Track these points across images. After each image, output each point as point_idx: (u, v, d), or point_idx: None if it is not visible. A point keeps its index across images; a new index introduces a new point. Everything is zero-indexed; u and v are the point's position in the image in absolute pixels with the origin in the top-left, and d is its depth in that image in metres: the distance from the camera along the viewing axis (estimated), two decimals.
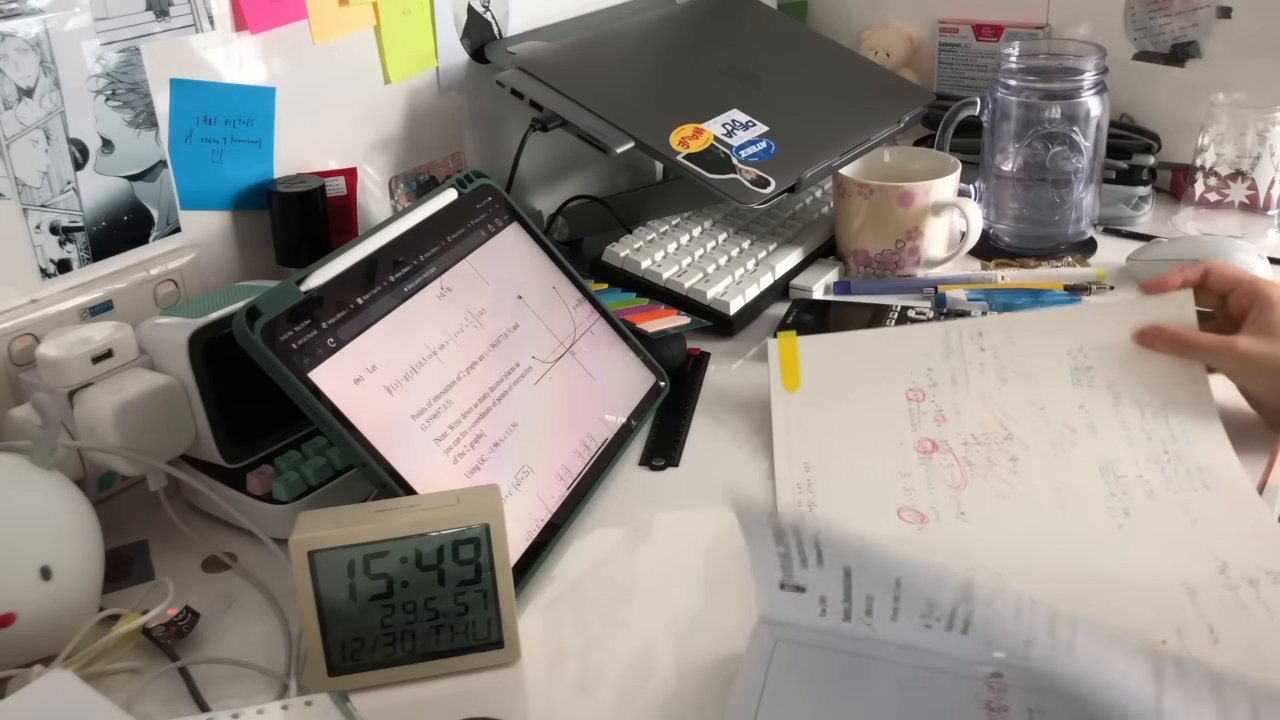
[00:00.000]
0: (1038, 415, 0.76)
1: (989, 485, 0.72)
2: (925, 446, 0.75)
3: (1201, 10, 1.17)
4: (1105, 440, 0.74)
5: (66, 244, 0.76)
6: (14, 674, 0.59)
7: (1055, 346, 0.79)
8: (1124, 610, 0.61)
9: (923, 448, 0.75)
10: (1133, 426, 0.74)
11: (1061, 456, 0.73)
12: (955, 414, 0.77)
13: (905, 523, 0.69)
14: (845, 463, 0.75)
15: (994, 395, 0.78)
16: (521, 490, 0.69)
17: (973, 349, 0.81)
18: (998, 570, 0.64)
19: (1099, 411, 0.75)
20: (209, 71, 0.83)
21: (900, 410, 0.78)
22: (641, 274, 0.98)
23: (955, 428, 0.76)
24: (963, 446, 0.75)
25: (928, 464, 0.74)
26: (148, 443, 0.68)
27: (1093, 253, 1.08)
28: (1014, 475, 0.72)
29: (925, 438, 0.76)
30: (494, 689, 0.60)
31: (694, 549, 0.70)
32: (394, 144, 1.00)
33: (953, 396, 0.78)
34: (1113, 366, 0.77)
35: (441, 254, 0.74)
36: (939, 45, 1.37)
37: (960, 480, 0.72)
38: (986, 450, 0.74)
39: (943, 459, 0.74)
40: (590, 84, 1.01)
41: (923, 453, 0.75)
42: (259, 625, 0.65)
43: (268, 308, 0.62)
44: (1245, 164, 1.07)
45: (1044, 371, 0.78)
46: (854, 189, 1.02)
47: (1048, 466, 0.72)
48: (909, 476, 0.73)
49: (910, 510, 0.70)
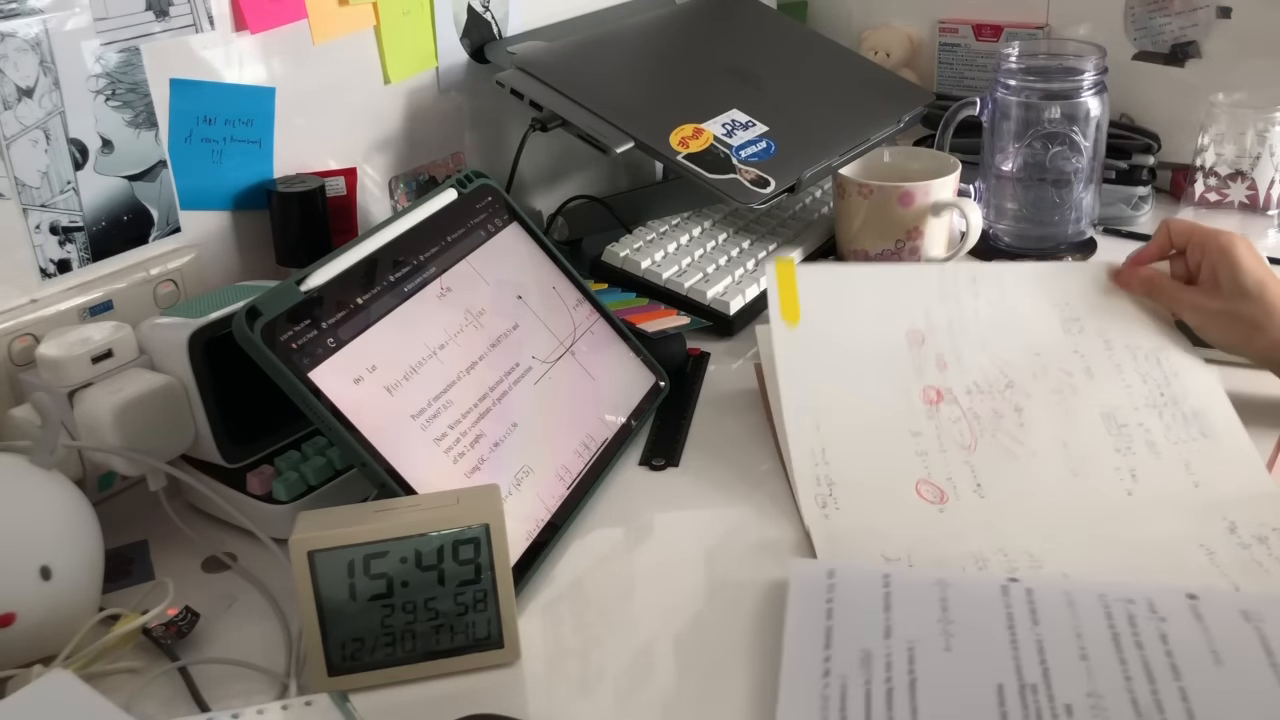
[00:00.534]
0: (1034, 360, 0.78)
1: (998, 443, 0.74)
2: (931, 396, 0.76)
3: (1201, 10, 1.17)
4: (1103, 385, 0.77)
5: (66, 244, 0.76)
6: (14, 674, 0.59)
7: (1042, 298, 0.83)
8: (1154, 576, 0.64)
9: (928, 397, 0.76)
10: (1127, 370, 0.78)
11: (1064, 404, 0.76)
12: (956, 360, 0.78)
13: (925, 500, 0.71)
14: (856, 421, 0.75)
15: (991, 341, 0.80)
16: (521, 490, 0.69)
17: (968, 294, 0.83)
18: (1028, 550, 0.66)
19: (1093, 356, 0.79)
20: (209, 71, 0.83)
21: (902, 354, 0.79)
22: (641, 274, 0.98)
23: (958, 374, 0.78)
24: (967, 396, 0.76)
25: (936, 418, 0.75)
26: (148, 443, 0.68)
27: (1092, 253, 1.08)
28: (1020, 428, 0.74)
29: (930, 385, 0.77)
30: (494, 689, 0.60)
31: (694, 549, 0.70)
32: (394, 144, 1.00)
33: (951, 341, 0.80)
34: (1100, 316, 0.82)
35: (441, 254, 0.74)
36: (939, 45, 1.37)
37: (970, 439, 0.74)
38: (991, 401, 0.76)
39: (950, 411, 0.75)
40: (590, 84, 1.01)
41: (929, 403, 0.76)
42: (259, 625, 0.65)
43: (268, 308, 0.62)
44: (1245, 164, 1.07)
45: (1035, 320, 0.81)
46: (854, 189, 1.02)
47: (1052, 416, 0.75)
48: (920, 436, 0.74)
49: (928, 484, 0.72)
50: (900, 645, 0.57)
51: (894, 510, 0.70)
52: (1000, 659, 0.56)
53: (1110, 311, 0.82)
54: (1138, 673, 0.54)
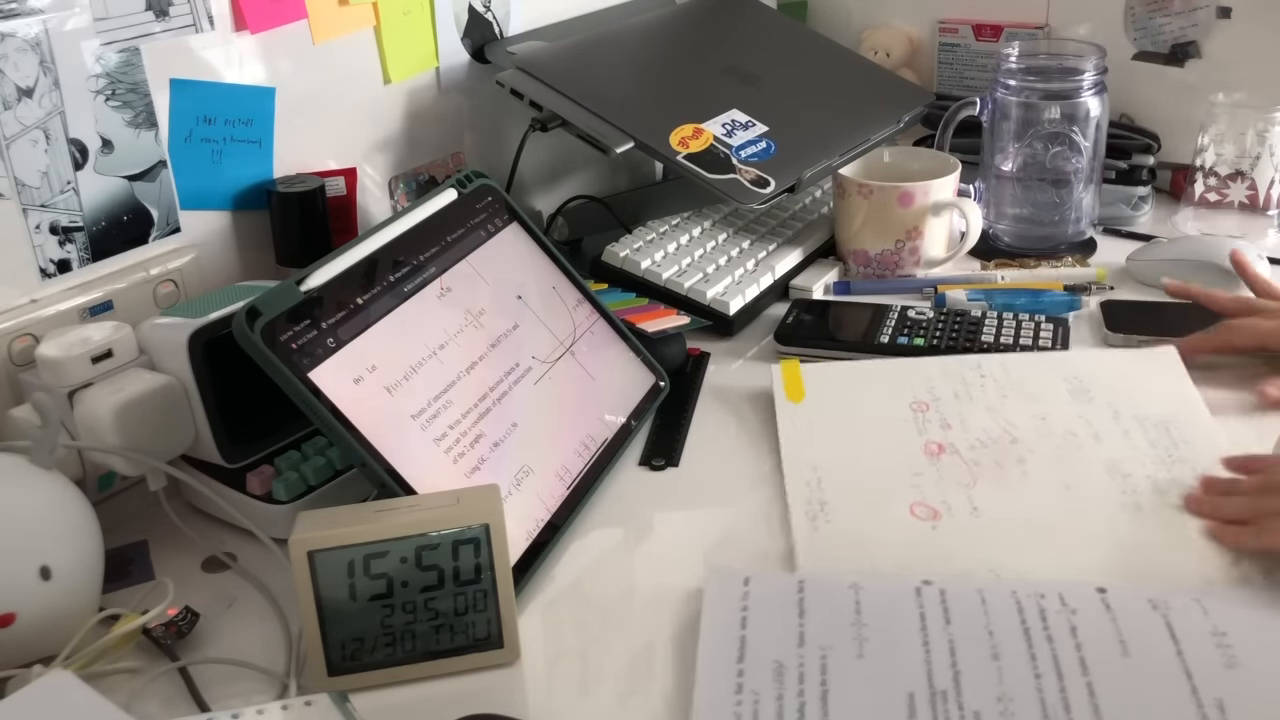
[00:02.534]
0: (1040, 424, 0.77)
1: (998, 483, 0.72)
2: (932, 449, 0.75)
3: (1201, 10, 1.17)
4: (1110, 446, 0.75)
5: (66, 244, 0.76)
6: (14, 674, 0.59)
7: (1051, 374, 0.82)
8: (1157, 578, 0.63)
9: (930, 450, 0.75)
10: (1135, 435, 0.75)
11: (1068, 459, 0.74)
12: (960, 422, 0.78)
13: (918, 519, 0.69)
14: (854, 463, 0.75)
15: (997, 407, 0.79)
16: (521, 490, 0.69)
17: (973, 375, 0.83)
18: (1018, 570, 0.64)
19: (1101, 423, 0.77)
20: (209, 71, 0.83)
21: (906, 419, 0.79)
22: (641, 274, 0.98)
23: (961, 433, 0.77)
24: (970, 450, 0.75)
25: (937, 464, 0.74)
26: (148, 443, 0.68)
27: (1092, 253, 1.08)
28: (1023, 476, 0.72)
29: (932, 441, 0.76)
30: (494, 689, 0.60)
31: (694, 549, 0.70)
32: (394, 144, 1.00)
33: (957, 408, 0.79)
34: (1110, 390, 0.80)
35: (441, 254, 0.74)
36: (939, 45, 1.37)
37: (970, 479, 0.73)
38: (994, 453, 0.75)
39: (951, 460, 0.74)
40: (590, 84, 1.01)
41: (930, 455, 0.75)
42: (259, 625, 0.65)
43: (268, 308, 0.62)
44: (1245, 164, 1.07)
45: (1043, 392, 0.80)
46: (854, 189, 1.02)
47: (1056, 467, 0.73)
48: (920, 475, 0.73)
49: (922, 505, 0.70)
50: (814, 654, 0.57)
51: (884, 526, 0.69)
52: (912, 664, 0.56)
53: (1118, 386, 0.80)
54: (1047, 669, 0.55)
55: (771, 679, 0.56)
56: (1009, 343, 0.88)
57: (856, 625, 0.59)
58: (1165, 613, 0.58)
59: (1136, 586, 0.61)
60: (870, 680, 0.55)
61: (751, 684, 0.56)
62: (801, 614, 0.60)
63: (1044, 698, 0.53)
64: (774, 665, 0.57)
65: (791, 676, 0.56)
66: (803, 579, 0.63)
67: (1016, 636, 0.57)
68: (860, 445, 0.77)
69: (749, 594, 0.62)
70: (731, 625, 0.60)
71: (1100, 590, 0.60)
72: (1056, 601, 0.59)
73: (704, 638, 0.59)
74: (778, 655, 0.57)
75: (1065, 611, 0.58)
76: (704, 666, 0.57)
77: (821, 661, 0.57)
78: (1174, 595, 0.60)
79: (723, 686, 0.56)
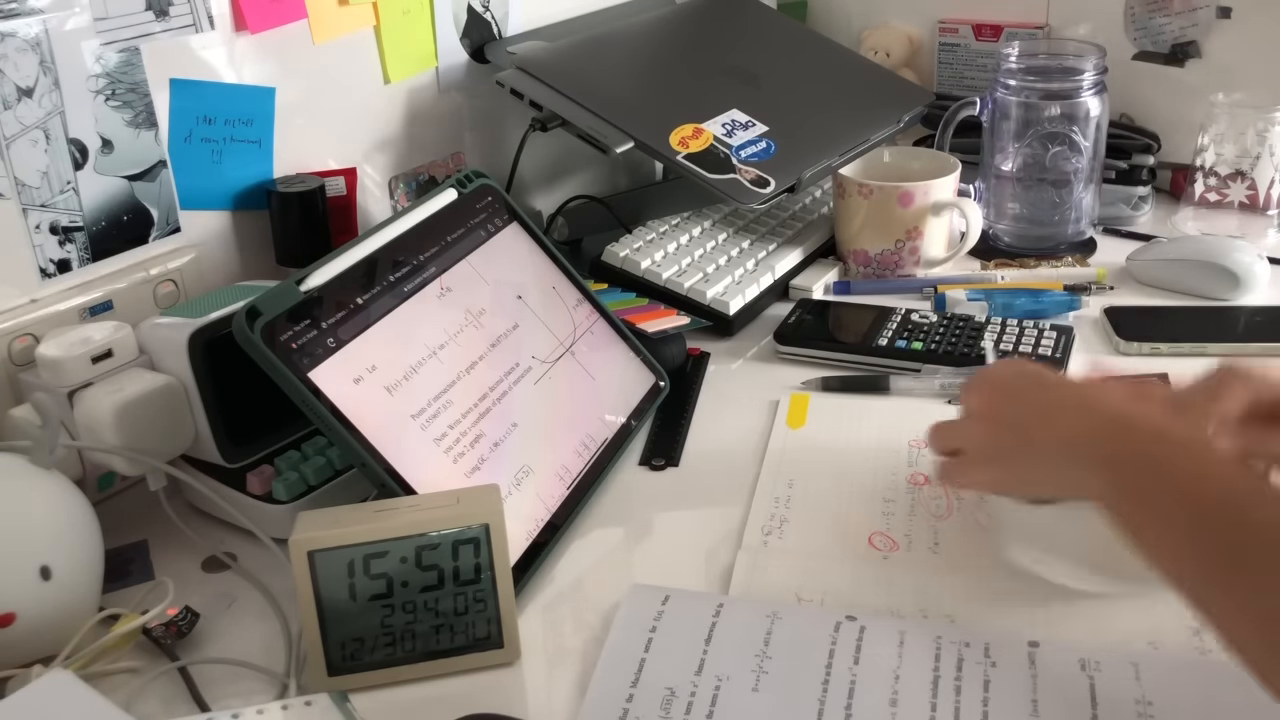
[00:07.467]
0: None
1: (973, 518, 0.70)
2: (918, 479, 0.75)
3: (1201, 10, 1.17)
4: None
5: (66, 244, 0.76)
6: (14, 674, 0.59)
7: None
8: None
9: (915, 480, 0.75)
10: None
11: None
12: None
13: (874, 549, 0.68)
14: (829, 489, 0.74)
15: None
16: (521, 490, 0.69)
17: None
18: (953, 614, 0.62)
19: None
20: (209, 71, 0.83)
21: (899, 451, 0.78)
22: (641, 274, 0.98)
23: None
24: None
25: (915, 494, 0.73)
26: (148, 443, 0.68)
27: (1092, 253, 1.08)
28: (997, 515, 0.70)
29: (919, 471, 0.75)
30: (494, 689, 0.60)
31: (694, 549, 0.70)
32: (394, 144, 1.00)
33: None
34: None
35: (441, 254, 0.74)
36: (939, 45, 1.37)
37: (945, 510, 0.71)
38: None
39: (933, 491, 0.73)
40: (590, 84, 1.01)
41: (915, 484, 0.74)
42: (259, 625, 0.65)
43: (268, 308, 0.62)
44: (1245, 164, 1.07)
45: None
46: (854, 189, 1.02)
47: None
48: (892, 503, 0.72)
49: (883, 536, 0.69)
50: (708, 683, 0.56)
51: (835, 552, 0.68)
52: (805, 702, 0.55)
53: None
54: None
55: (659, 706, 0.55)
56: (1008, 351, 0.87)
57: (760, 657, 0.58)
58: (1093, 674, 0.55)
59: (1074, 644, 0.58)
60: (758, 716, 0.54)
61: (638, 710, 0.55)
62: (708, 640, 0.59)
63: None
64: (665, 692, 0.56)
65: (679, 706, 0.55)
66: (721, 603, 0.62)
67: (923, 684, 0.55)
68: (842, 473, 0.76)
69: (663, 614, 0.61)
70: (634, 646, 0.59)
71: (1032, 644, 0.57)
72: (980, 651, 0.57)
73: (604, 657, 0.59)
74: (672, 682, 0.56)
75: (985, 664, 0.56)
76: (595, 687, 0.57)
77: (714, 692, 0.56)
78: (1111, 656, 0.56)
79: (609, 710, 0.55)
